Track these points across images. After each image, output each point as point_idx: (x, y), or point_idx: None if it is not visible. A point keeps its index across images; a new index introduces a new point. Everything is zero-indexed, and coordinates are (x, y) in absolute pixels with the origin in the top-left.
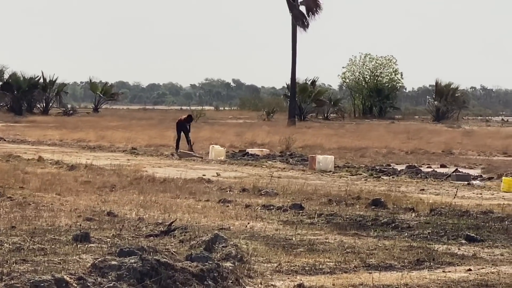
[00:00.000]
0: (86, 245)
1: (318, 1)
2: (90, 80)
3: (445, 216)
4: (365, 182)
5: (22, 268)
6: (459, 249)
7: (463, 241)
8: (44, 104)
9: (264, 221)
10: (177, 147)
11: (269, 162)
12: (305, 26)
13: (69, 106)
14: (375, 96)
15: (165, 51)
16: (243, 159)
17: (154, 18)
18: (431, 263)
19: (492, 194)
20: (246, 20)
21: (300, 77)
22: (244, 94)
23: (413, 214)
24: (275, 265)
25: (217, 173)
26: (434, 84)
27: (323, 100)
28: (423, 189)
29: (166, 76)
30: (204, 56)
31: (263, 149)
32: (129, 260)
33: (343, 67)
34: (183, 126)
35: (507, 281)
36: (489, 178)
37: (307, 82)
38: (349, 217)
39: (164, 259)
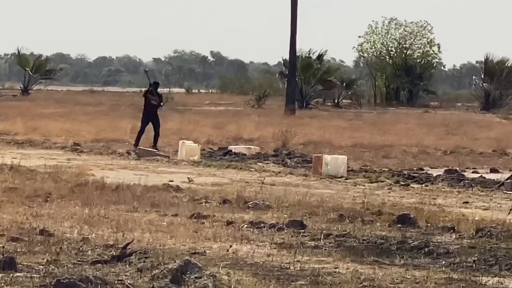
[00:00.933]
0: (11, 275)
1: None
2: (19, 52)
3: (496, 238)
4: (389, 192)
5: None
6: None
7: None
8: None
9: (252, 244)
10: (137, 142)
11: (260, 164)
12: None
13: None
14: (403, 76)
15: (119, 14)
16: (224, 159)
17: None
18: None
19: None
20: None
21: (303, 50)
22: (226, 72)
23: (453, 236)
24: None
25: (188, 178)
26: (483, 60)
27: (332, 81)
28: (467, 202)
29: (121, 48)
30: (172, 22)
31: (252, 147)
32: None
33: (360, 37)
34: (153, 110)
35: None
36: None
37: (312, 56)
38: (367, 239)
39: None
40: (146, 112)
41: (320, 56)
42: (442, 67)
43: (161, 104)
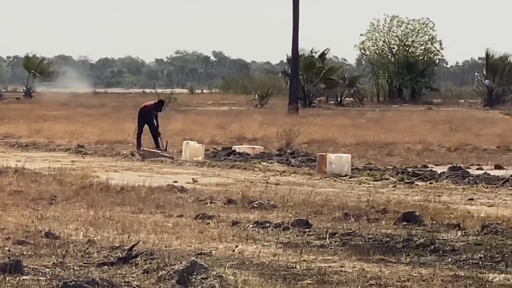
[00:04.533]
0: (18, 278)
1: None
2: (27, 56)
3: (502, 235)
4: (394, 190)
5: None
6: None
7: None
8: None
9: (258, 244)
10: (139, 144)
11: (264, 163)
12: None
13: None
14: (405, 73)
15: (121, 15)
16: (228, 159)
17: None
18: None
19: None
20: None
21: (305, 49)
22: (228, 71)
23: (459, 233)
24: None
25: (193, 179)
26: (485, 56)
27: (335, 80)
28: (472, 199)
29: (123, 49)
30: (173, 22)
31: (255, 146)
32: None
33: (362, 35)
34: (148, 116)
35: None
36: None
37: (314, 55)
38: (373, 237)
39: None
40: (142, 115)
41: (322, 55)
42: (445, 64)
43: (161, 110)
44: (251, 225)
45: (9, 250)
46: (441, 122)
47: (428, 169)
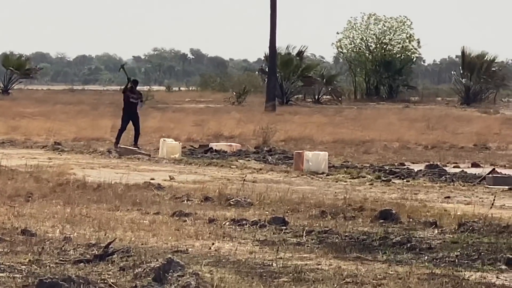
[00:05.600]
0: None
1: None
2: (6, 53)
3: (479, 233)
4: (371, 188)
5: None
6: (497, 277)
7: (503, 267)
8: None
9: (235, 241)
10: (117, 140)
11: (241, 161)
12: None
13: None
14: (382, 71)
15: (98, 13)
16: (205, 157)
17: None
18: None
19: None
20: None
21: (282, 47)
22: (206, 69)
23: (436, 231)
24: None
25: (170, 176)
26: (461, 54)
27: (313, 77)
28: (449, 197)
29: (100, 46)
30: (151, 20)
31: (232, 144)
32: None
33: (339, 33)
34: (132, 108)
35: None
36: None
37: (292, 52)
38: (349, 235)
39: None
40: (126, 110)
41: (300, 53)
42: (422, 62)
43: (141, 101)
44: (227, 223)
45: None
46: (418, 120)
47: (405, 167)
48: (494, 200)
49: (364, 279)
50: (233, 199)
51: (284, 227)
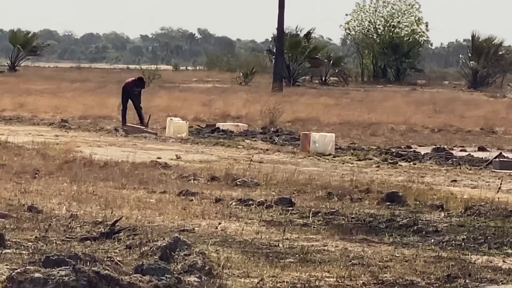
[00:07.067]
0: (0, 251)
1: None
2: (14, 30)
3: (485, 216)
4: (377, 170)
5: None
6: (504, 261)
7: (510, 251)
8: None
9: (241, 221)
10: (124, 120)
11: (247, 141)
12: None
13: None
14: (390, 53)
15: None
16: (212, 136)
17: None
18: (466, 280)
19: None
20: None
21: (291, 27)
22: (213, 49)
23: (442, 214)
24: (256, 280)
25: (176, 155)
26: (470, 38)
27: (320, 59)
28: (455, 180)
29: (108, 24)
30: None
31: (239, 124)
32: (58, 272)
33: (347, 15)
34: (131, 92)
35: None
36: None
37: (299, 33)
38: (356, 216)
39: (106, 271)
40: (124, 90)
41: (307, 34)
42: (430, 45)
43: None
44: (234, 203)
45: None
46: (425, 103)
47: (412, 149)
48: (501, 184)
49: (370, 261)
50: (240, 179)
51: (291, 208)
